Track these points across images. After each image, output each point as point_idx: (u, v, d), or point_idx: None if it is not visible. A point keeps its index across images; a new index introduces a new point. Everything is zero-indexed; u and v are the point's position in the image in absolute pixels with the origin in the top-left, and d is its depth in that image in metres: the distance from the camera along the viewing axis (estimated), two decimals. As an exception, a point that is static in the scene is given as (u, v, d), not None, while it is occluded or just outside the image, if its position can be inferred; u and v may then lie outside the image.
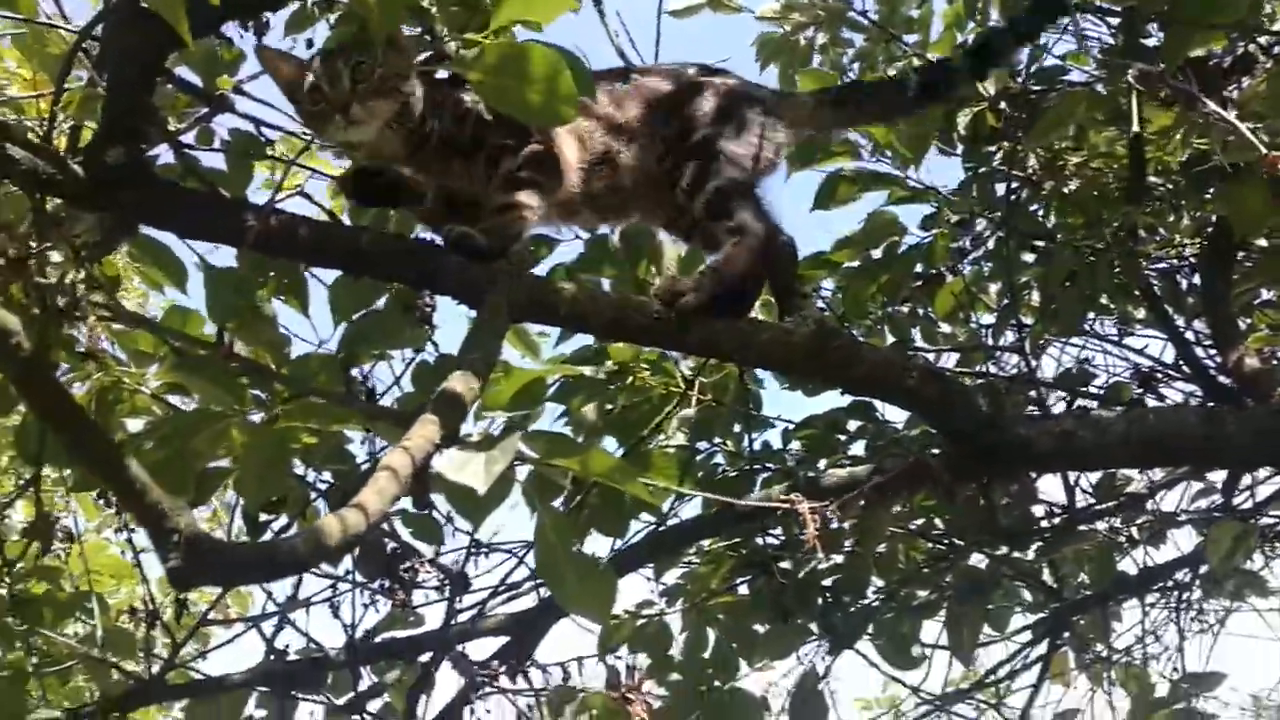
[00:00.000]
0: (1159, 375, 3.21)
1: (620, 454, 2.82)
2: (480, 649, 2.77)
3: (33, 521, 2.63)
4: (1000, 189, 3.18)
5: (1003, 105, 3.29)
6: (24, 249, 1.69)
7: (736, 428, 3.24)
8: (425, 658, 2.73)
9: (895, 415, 3.18)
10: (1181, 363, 3.03)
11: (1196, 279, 3.12)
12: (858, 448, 3.23)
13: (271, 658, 2.64)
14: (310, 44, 2.36)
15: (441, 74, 2.20)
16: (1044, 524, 3.17)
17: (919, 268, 3.15)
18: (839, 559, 3.03)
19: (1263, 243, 2.88)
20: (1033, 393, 3.04)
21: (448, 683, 2.79)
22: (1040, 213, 3.37)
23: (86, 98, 2.06)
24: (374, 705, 2.77)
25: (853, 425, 3.16)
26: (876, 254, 3.12)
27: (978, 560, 3.23)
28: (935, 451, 2.47)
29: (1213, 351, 2.97)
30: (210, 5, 1.85)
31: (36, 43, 2.38)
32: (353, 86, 2.06)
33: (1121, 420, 2.27)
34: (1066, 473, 2.93)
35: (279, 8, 2.17)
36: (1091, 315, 3.38)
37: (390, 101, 2.11)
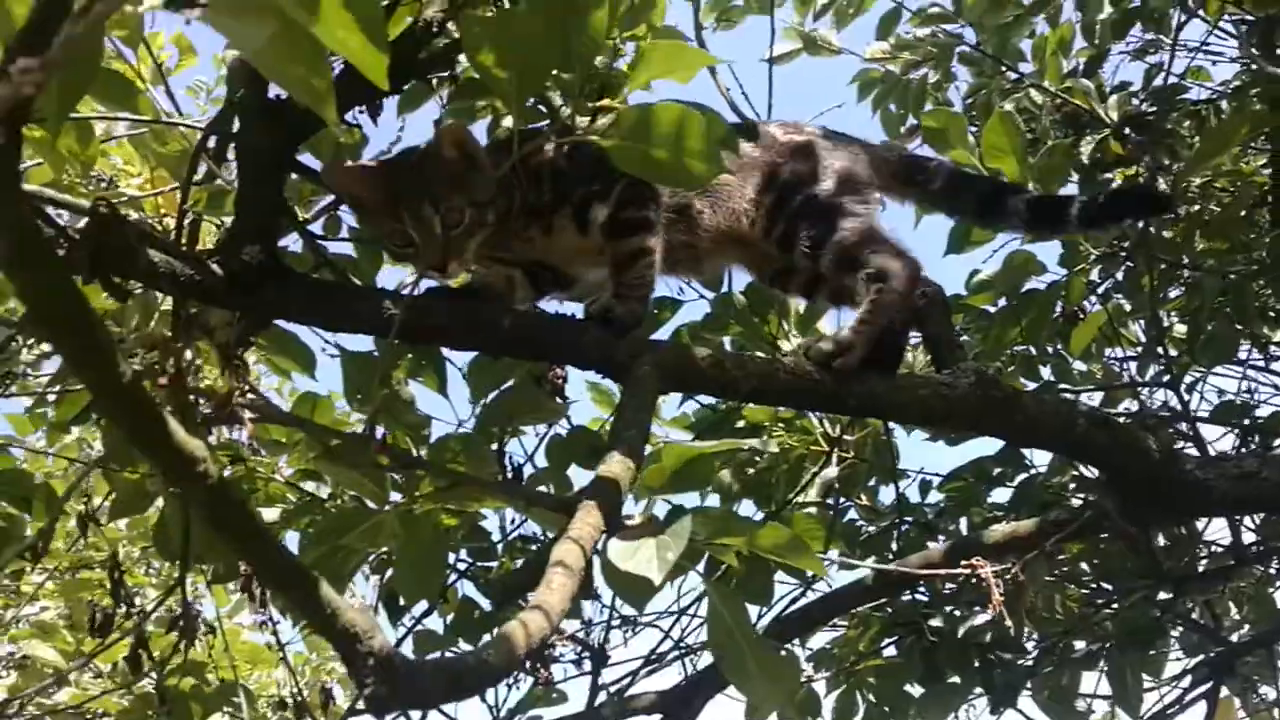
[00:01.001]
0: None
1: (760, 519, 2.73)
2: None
3: (177, 615, 2.61)
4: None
5: (1128, 131, 3.19)
6: (178, 361, 1.65)
7: (871, 481, 3.14)
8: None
9: (1039, 459, 3.07)
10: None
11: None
12: (997, 494, 3.13)
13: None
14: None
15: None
16: (1207, 564, 3.02)
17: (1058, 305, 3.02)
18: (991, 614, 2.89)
19: None
20: (1184, 426, 2.91)
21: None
22: (1174, 239, 3.24)
23: (214, 194, 2.05)
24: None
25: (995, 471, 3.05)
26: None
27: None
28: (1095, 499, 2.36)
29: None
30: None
31: (156, 141, 2.39)
32: (447, 238, 1.93)
33: (1310, 457, 2.12)
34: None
35: (398, 92, 2.14)
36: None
37: (483, 232, 1.99)
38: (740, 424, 2.82)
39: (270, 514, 2.57)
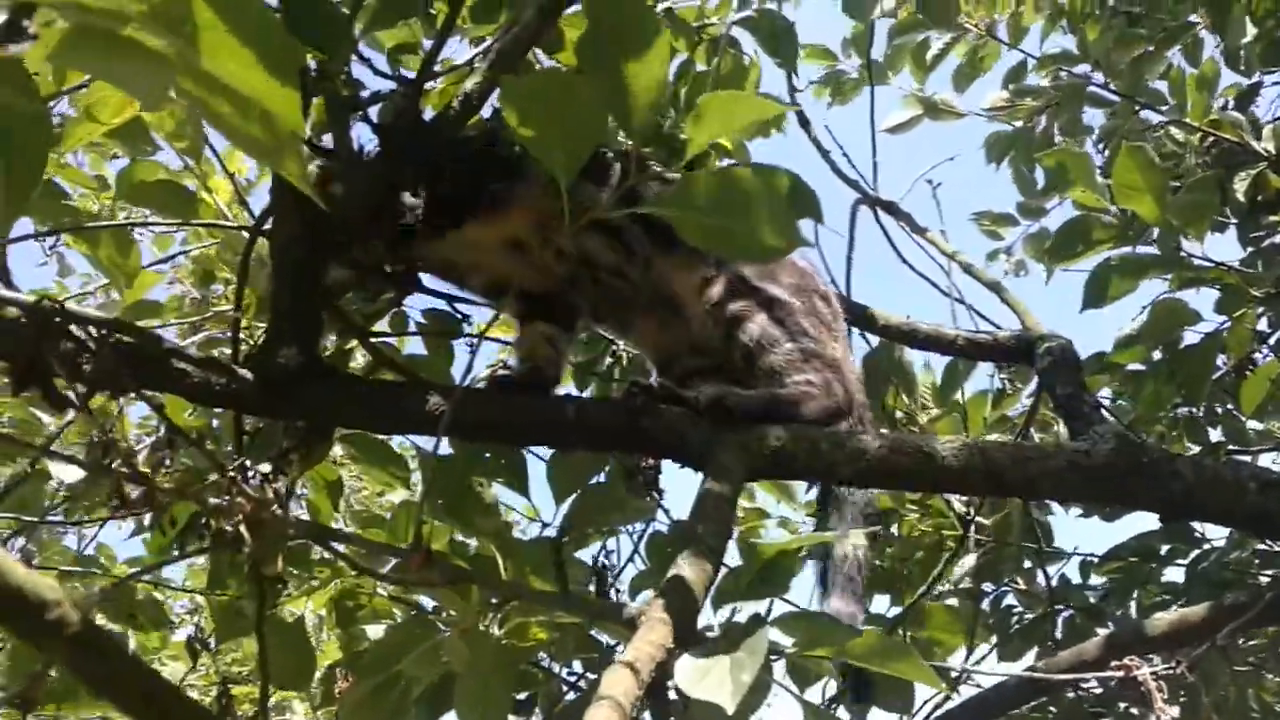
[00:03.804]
0: None
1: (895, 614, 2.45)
2: None
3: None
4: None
5: (1290, 161, 2.86)
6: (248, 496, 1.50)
7: (1026, 563, 2.83)
8: None
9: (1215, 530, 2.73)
10: None
11: None
12: (1171, 572, 2.79)
13: None
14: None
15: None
16: None
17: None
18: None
19: None
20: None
21: None
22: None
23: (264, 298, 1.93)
24: None
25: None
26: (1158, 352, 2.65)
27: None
28: None
29: None
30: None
31: (230, 250, 2.32)
32: None
33: None
34: None
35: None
36: None
37: None
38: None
39: (375, 630, 2.43)
